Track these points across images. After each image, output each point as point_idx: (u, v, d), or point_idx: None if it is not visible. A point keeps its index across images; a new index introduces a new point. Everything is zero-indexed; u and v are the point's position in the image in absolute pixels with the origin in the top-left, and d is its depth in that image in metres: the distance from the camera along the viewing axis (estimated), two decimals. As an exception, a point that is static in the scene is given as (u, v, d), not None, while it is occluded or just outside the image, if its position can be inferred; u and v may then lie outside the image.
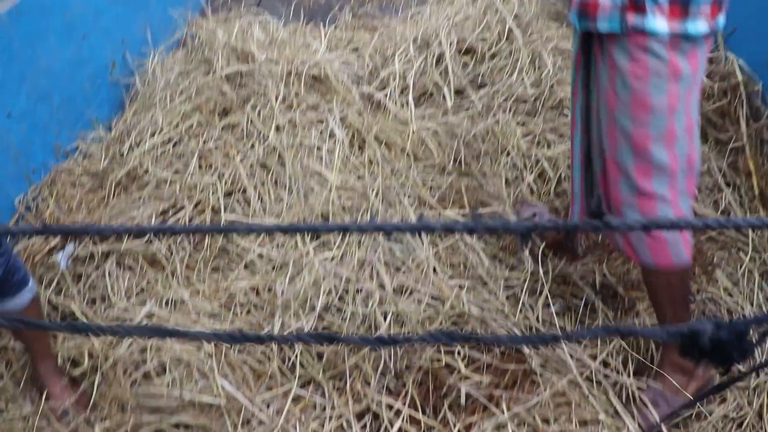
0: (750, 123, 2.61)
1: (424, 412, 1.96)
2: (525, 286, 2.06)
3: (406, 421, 1.93)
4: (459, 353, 1.96)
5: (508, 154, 2.60)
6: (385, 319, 1.94)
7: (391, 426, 1.93)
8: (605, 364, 1.99)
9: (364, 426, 1.94)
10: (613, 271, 2.12)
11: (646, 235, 1.69)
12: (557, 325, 2.02)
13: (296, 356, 2.01)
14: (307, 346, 2.02)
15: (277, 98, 2.70)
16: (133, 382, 2.09)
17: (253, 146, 2.55)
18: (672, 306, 1.81)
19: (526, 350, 1.98)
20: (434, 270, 2.05)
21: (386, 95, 2.87)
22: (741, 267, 2.31)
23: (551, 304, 2.07)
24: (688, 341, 0.54)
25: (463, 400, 1.94)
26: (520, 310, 2.03)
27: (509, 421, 1.85)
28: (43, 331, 2.15)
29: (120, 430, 2.07)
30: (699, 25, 1.58)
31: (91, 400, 2.13)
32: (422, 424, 1.92)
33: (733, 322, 0.54)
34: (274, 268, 2.17)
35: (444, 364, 1.96)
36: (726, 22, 1.68)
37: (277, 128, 2.58)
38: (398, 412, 1.94)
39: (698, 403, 1.90)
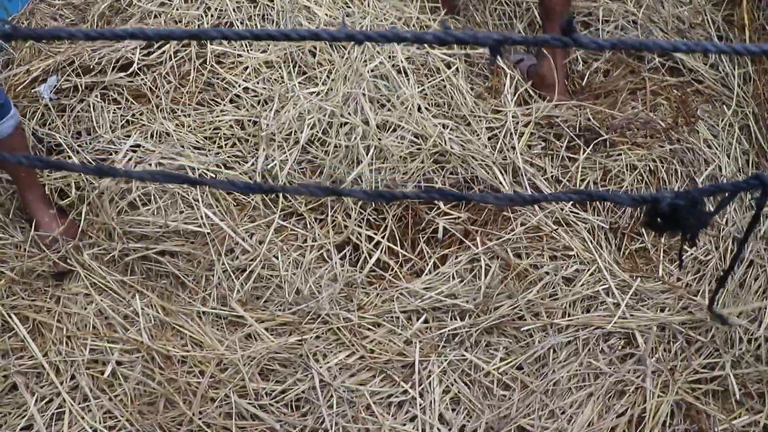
0: (752, -27, 2.53)
1: (402, 246, 2.03)
2: (507, 127, 2.07)
3: (385, 253, 2.00)
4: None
5: (500, -1, 2.54)
6: (367, 153, 1.97)
7: (370, 257, 2.00)
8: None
9: (344, 256, 2.01)
10: (597, 115, 2.13)
11: None
12: (538, 166, 2.06)
13: (279, 188, 2.05)
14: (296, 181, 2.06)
15: (265, -70, 2.58)
16: (119, 210, 2.14)
17: (240, -21, 2.46)
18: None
19: (505, 190, 2.03)
20: (419, 108, 2.05)
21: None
22: (723, 120, 2.32)
23: (533, 146, 2.10)
24: (651, 207, 0.60)
25: (440, 235, 2.00)
26: (500, 151, 2.05)
27: (482, 255, 1.92)
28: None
29: (107, 257, 2.14)
30: None
31: (79, 229, 2.18)
32: (399, 256, 2.00)
33: (688, 191, 0.59)
34: (259, 102, 2.16)
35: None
36: None
37: (265, -39, 2.48)
38: (377, 244, 2.01)
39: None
